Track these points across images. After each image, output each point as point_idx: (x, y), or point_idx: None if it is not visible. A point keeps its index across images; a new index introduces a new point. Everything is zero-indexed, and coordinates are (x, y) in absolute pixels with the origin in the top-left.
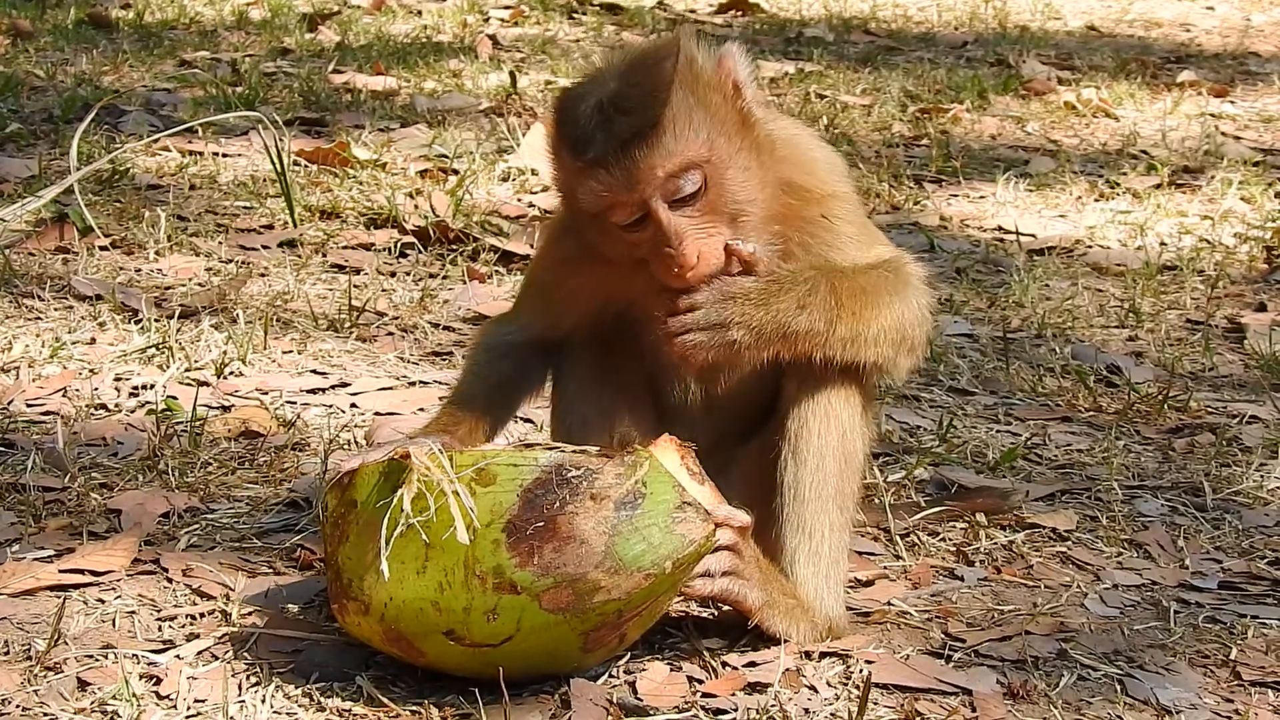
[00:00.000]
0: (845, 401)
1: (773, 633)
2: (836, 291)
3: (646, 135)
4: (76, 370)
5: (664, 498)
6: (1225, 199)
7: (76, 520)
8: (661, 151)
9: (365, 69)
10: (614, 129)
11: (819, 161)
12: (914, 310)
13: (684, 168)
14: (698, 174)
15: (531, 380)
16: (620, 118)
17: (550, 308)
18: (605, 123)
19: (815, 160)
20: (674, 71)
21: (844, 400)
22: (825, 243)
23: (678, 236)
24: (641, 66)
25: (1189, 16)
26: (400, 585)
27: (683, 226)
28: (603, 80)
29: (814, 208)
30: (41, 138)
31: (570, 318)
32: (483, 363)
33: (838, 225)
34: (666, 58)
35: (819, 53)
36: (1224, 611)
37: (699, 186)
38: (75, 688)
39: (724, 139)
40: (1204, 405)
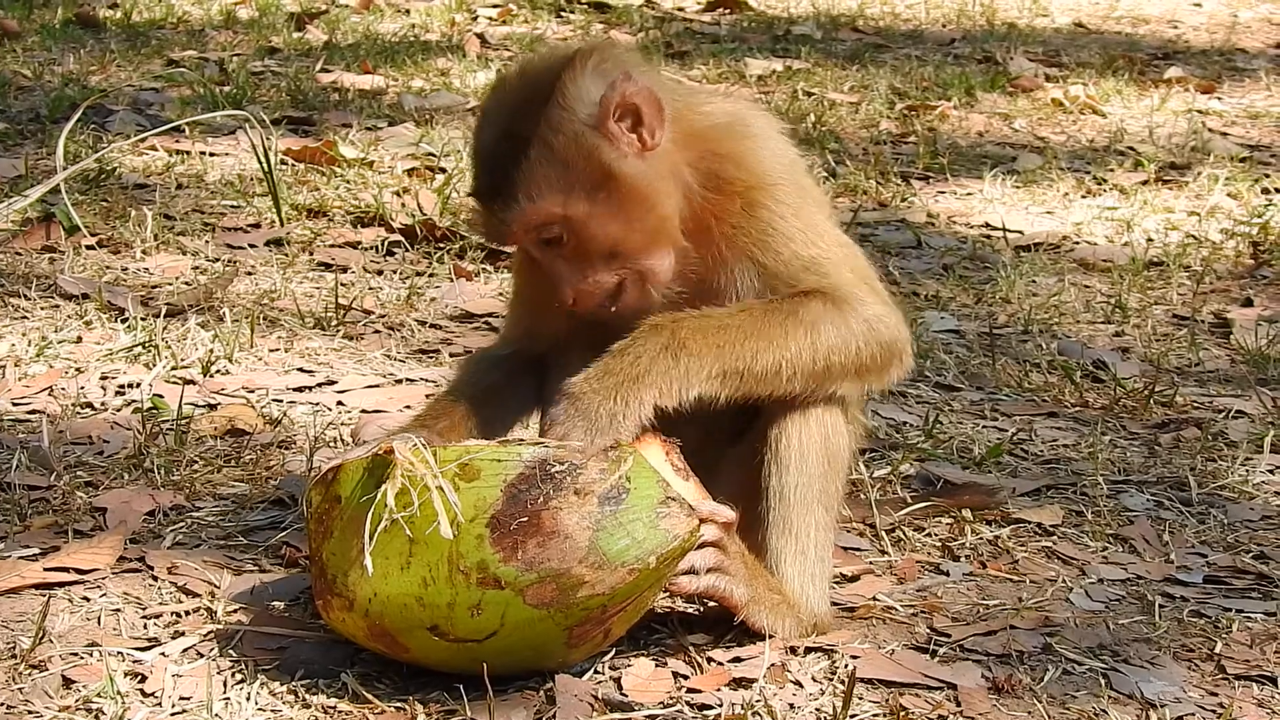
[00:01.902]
0: (826, 405)
1: (758, 628)
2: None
3: (503, 194)
4: (63, 369)
5: (648, 493)
6: (1212, 195)
7: (62, 518)
8: (516, 209)
9: (353, 68)
10: (483, 182)
11: (750, 152)
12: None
13: (541, 224)
14: (556, 227)
15: (519, 390)
16: (488, 173)
17: (529, 316)
18: (480, 172)
19: (744, 151)
20: (541, 124)
21: (825, 403)
22: (751, 238)
23: (553, 276)
24: (522, 107)
25: (1176, 13)
26: (384, 581)
27: (557, 267)
28: (497, 108)
29: (737, 201)
30: (28, 137)
31: (549, 324)
32: (470, 370)
33: (762, 217)
34: (542, 102)
35: (807, 50)
36: (1209, 605)
37: (559, 235)
38: (60, 686)
39: (583, 198)
40: (1190, 400)
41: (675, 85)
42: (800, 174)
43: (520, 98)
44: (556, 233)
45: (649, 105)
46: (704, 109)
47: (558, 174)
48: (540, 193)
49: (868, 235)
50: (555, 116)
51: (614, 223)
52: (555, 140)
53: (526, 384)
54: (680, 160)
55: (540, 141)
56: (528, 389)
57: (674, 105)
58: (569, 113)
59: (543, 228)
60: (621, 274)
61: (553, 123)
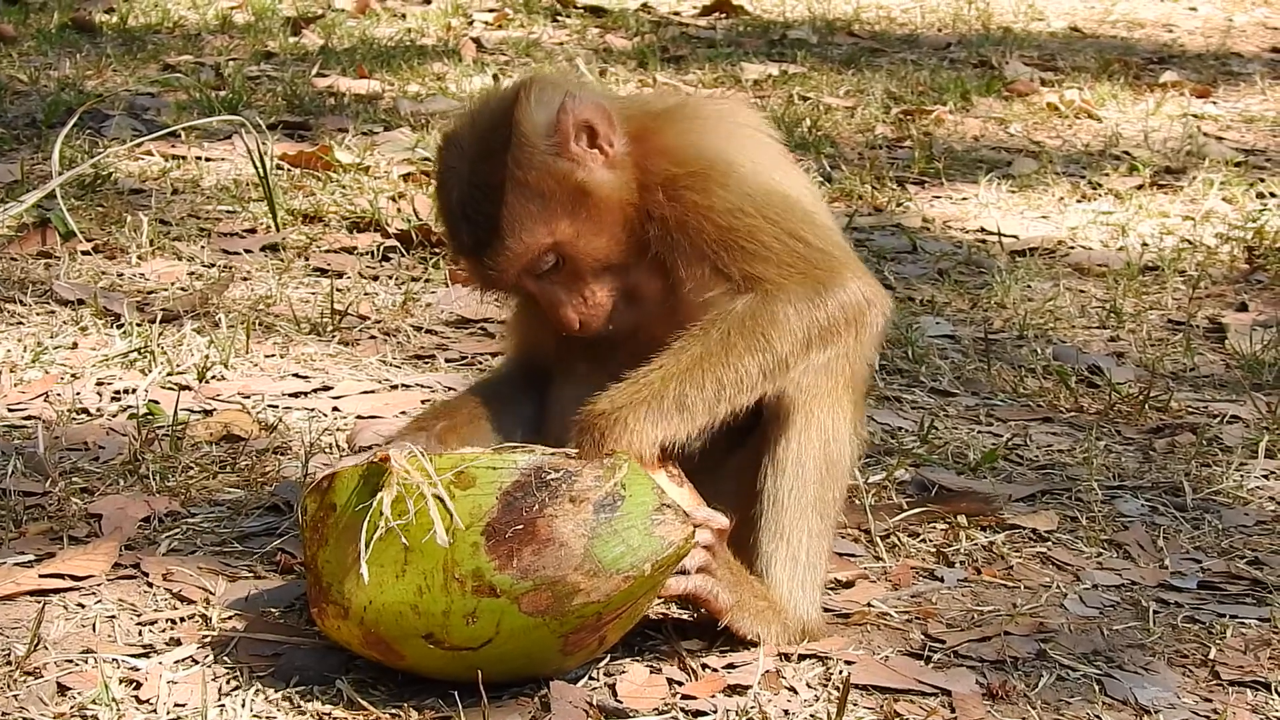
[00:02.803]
0: (829, 410)
1: (742, 634)
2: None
3: (491, 243)
4: (58, 375)
5: (643, 500)
6: (1207, 199)
7: (57, 525)
8: (507, 253)
9: (349, 72)
10: (465, 236)
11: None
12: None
13: (535, 258)
14: (550, 255)
15: (521, 397)
16: (467, 225)
17: (526, 330)
18: (458, 227)
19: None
20: (508, 164)
21: (828, 409)
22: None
23: (552, 305)
24: (483, 153)
25: (1171, 17)
26: (379, 589)
27: (555, 294)
28: (457, 160)
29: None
30: (24, 142)
31: (546, 337)
32: (473, 382)
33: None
34: (502, 143)
35: (802, 54)
36: (1203, 611)
37: (555, 262)
38: (55, 692)
39: (567, 219)
40: (1185, 405)
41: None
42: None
43: (478, 148)
44: (551, 261)
45: (600, 118)
46: (652, 105)
47: (537, 207)
48: (526, 229)
49: (863, 240)
50: (520, 155)
51: (600, 236)
52: (527, 176)
53: (529, 391)
54: (633, 163)
55: (512, 182)
56: (530, 396)
57: (624, 113)
58: (532, 148)
59: (537, 261)
60: (614, 290)
61: (520, 161)
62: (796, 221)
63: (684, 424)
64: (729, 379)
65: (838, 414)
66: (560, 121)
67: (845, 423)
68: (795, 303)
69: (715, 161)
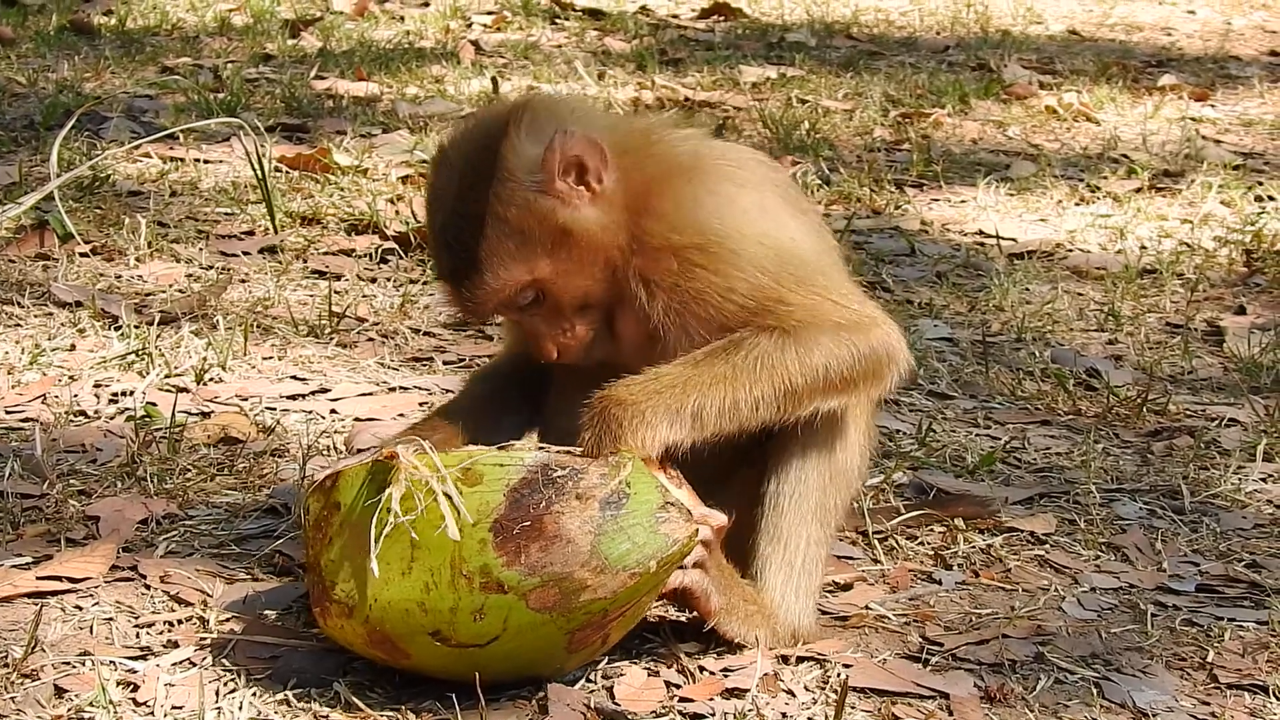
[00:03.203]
0: (839, 419)
1: (729, 636)
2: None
3: (471, 276)
4: (56, 377)
5: (647, 498)
6: (1205, 202)
7: (54, 527)
8: (486, 288)
9: (347, 75)
10: (448, 265)
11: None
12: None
13: (514, 293)
14: (530, 291)
15: (515, 400)
16: (450, 255)
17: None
18: (441, 255)
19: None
20: (490, 198)
21: (837, 418)
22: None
23: (532, 336)
24: (469, 182)
25: (1170, 20)
26: (385, 586)
27: (536, 326)
28: (443, 186)
29: (672, 259)
30: (22, 144)
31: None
32: (468, 385)
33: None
34: (487, 174)
35: (801, 57)
36: (1201, 614)
37: (535, 297)
38: (52, 695)
39: (547, 258)
40: (1183, 408)
41: (617, 122)
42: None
43: (464, 175)
44: (530, 296)
45: (591, 154)
46: (658, 152)
47: (517, 244)
48: (505, 265)
49: (861, 243)
50: (503, 190)
51: (581, 276)
52: (508, 213)
53: (523, 394)
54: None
55: (494, 217)
56: (524, 399)
57: (618, 146)
58: (515, 183)
59: (515, 297)
60: (594, 324)
61: (502, 197)
62: (819, 277)
63: (693, 433)
64: (745, 402)
65: (846, 424)
66: (547, 158)
67: (853, 433)
68: (822, 347)
69: (724, 237)
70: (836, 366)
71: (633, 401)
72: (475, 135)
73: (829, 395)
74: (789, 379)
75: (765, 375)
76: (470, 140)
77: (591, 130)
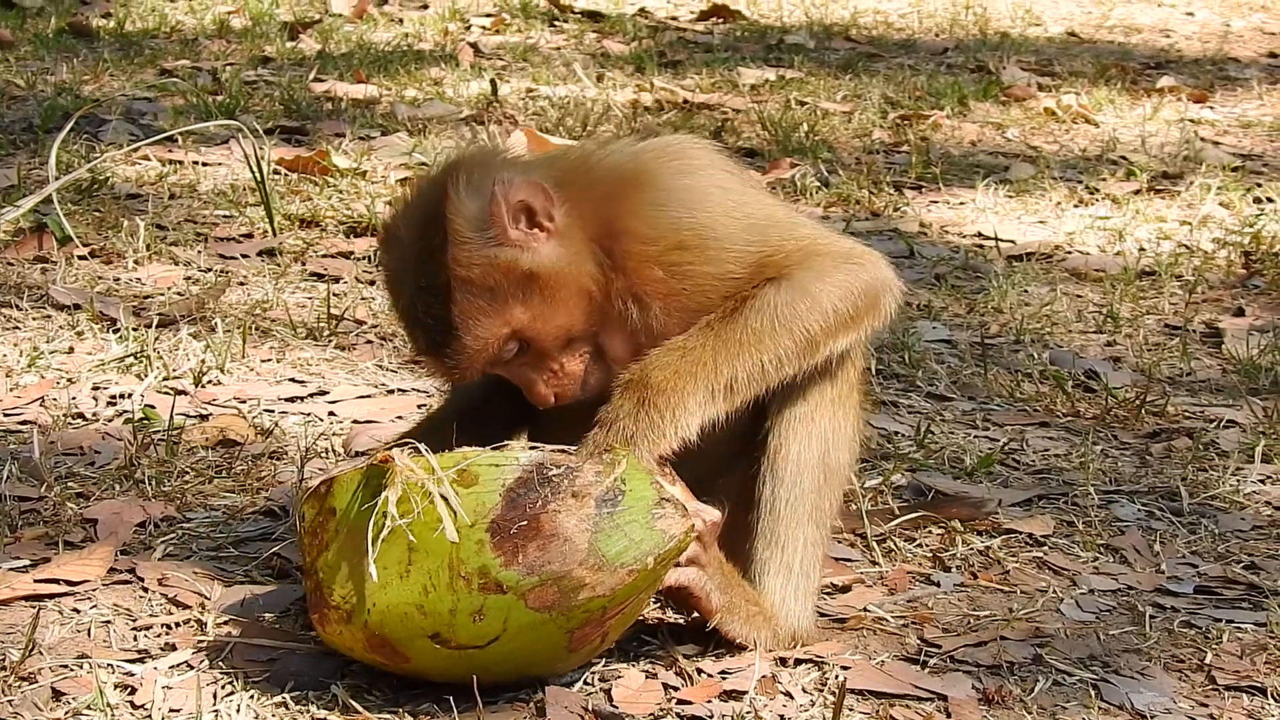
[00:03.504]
0: (831, 418)
1: (731, 637)
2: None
3: (449, 343)
4: (54, 380)
5: (643, 494)
6: (1204, 204)
7: (52, 530)
8: (467, 351)
9: (346, 77)
10: (423, 341)
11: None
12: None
13: (496, 349)
14: (512, 343)
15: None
16: (424, 330)
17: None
18: (415, 332)
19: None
20: (449, 264)
21: (830, 417)
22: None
23: (525, 385)
24: (424, 254)
25: (1169, 22)
26: (384, 590)
27: (526, 375)
28: (400, 263)
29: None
30: (21, 147)
31: None
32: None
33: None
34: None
35: (800, 59)
36: (1199, 616)
37: (518, 347)
38: (50, 698)
39: (520, 305)
40: (1181, 410)
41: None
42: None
43: (417, 250)
44: (513, 348)
45: (534, 195)
46: (596, 171)
47: (487, 301)
48: (481, 324)
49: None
50: (460, 253)
51: (558, 313)
52: (471, 273)
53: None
54: (583, 236)
55: (457, 281)
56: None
57: (559, 180)
58: (469, 243)
59: (499, 353)
60: (583, 356)
61: (461, 260)
62: (799, 228)
63: (727, 406)
64: (770, 362)
65: (839, 421)
66: (494, 211)
67: (846, 430)
68: (825, 289)
69: (697, 230)
70: (842, 305)
71: (670, 388)
72: (416, 208)
73: (839, 335)
74: (806, 328)
75: (784, 330)
76: (413, 214)
77: (528, 173)
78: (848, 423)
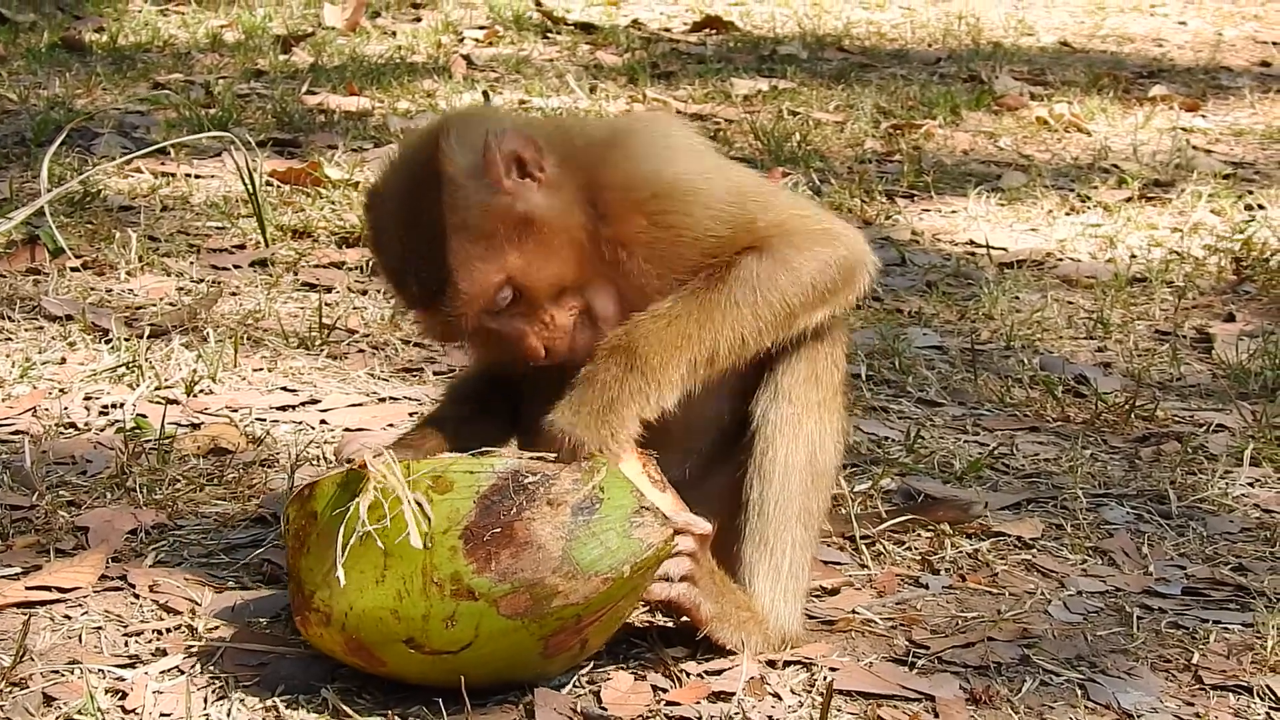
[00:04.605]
0: (818, 421)
1: (722, 643)
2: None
3: (444, 288)
4: (46, 390)
5: (621, 503)
6: (1195, 211)
7: (44, 538)
8: (463, 298)
9: (339, 89)
10: (416, 291)
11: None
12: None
13: (490, 296)
14: (506, 290)
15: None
16: (416, 282)
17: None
18: (406, 283)
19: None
20: (444, 210)
21: (816, 420)
22: (667, 242)
23: (516, 339)
24: (416, 204)
25: (1161, 31)
26: (360, 594)
27: (517, 327)
28: (389, 217)
29: (638, 217)
30: (13, 160)
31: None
32: (453, 390)
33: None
34: (435, 190)
35: (792, 70)
36: (1187, 617)
37: (512, 295)
38: (41, 703)
39: (515, 251)
40: (1171, 414)
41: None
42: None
43: (409, 200)
44: (507, 296)
45: (526, 147)
46: (579, 134)
47: (483, 246)
48: (477, 270)
49: None
50: (455, 199)
51: (550, 261)
52: (466, 218)
53: (502, 408)
54: (571, 187)
55: (454, 227)
56: (503, 414)
57: (548, 139)
58: (465, 189)
59: (493, 300)
60: (573, 311)
61: (456, 204)
62: (774, 197)
63: (706, 376)
64: (750, 332)
65: (825, 425)
66: (488, 159)
67: (831, 432)
68: (804, 260)
69: (677, 181)
70: (820, 279)
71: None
72: (405, 164)
73: (817, 308)
74: (786, 300)
75: (764, 302)
76: (401, 171)
77: (522, 126)
78: (833, 425)
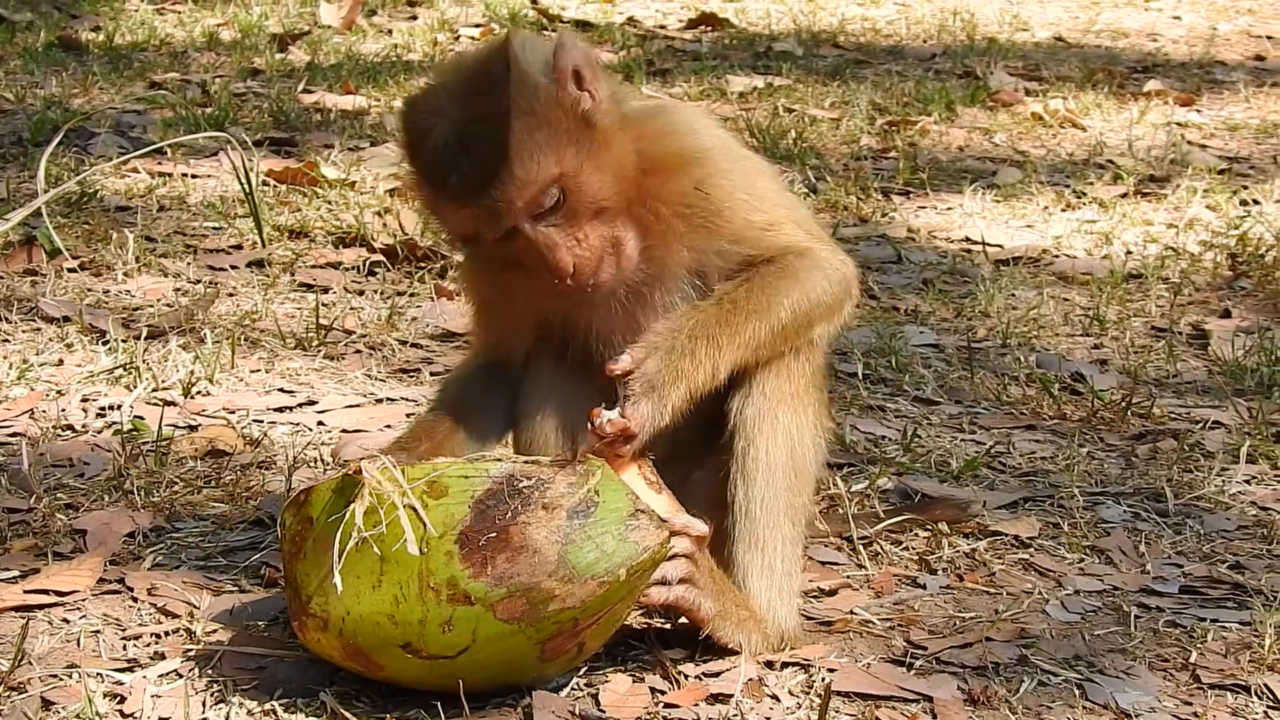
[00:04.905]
0: (793, 414)
1: (724, 643)
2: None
3: (498, 171)
4: (44, 392)
5: (617, 506)
6: (1191, 207)
7: (42, 541)
8: (516, 183)
9: (335, 88)
10: (466, 168)
11: (675, 127)
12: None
13: (541, 189)
14: (555, 189)
15: (495, 404)
16: (469, 156)
17: (493, 328)
18: (456, 160)
19: (669, 128)
20: (511, 94)
21: (791, 413)
22: (702, 214)
23: (550, 248)
24: (478, 90)
25: (1156, 26)
26: (357, 599)
27: (552, 237)
28: (444, 104)
29: (682, 179)
30: (10, 161)
31: (515, 335)
32: (446, 390)
33: (714, 194)
34: (501, 77)
35: (788, 67)
36: (1184, 615)
37: (558, 199)
38: (40, 707)
39: (572, 148)
40: (1167, 411)
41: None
42: (732, 144)
43: (470, 89)
44: (555, 196)
45: (587, 66)
46: (628, 99)
47: (545, 136)
48: (535, 157)
49: (848, 250)
50: (523, 87)
51: (602, 171)
52: (533, 105)
53: (499, 403)
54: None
55: (519, 111)
56: (501, 408)
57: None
58: (534, 80)
59: (542, 194)
60: (605, 237)
61: (523, 92)
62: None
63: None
64: (764, 334)
65: (801, 417)
66: (560, 60)
67: (809, 425)
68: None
69: (723, 157)
70: (827, 298)
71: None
72: (463, 68)
73: (820, 324)
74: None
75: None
76: (467, 64)
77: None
78: (809, 419)
